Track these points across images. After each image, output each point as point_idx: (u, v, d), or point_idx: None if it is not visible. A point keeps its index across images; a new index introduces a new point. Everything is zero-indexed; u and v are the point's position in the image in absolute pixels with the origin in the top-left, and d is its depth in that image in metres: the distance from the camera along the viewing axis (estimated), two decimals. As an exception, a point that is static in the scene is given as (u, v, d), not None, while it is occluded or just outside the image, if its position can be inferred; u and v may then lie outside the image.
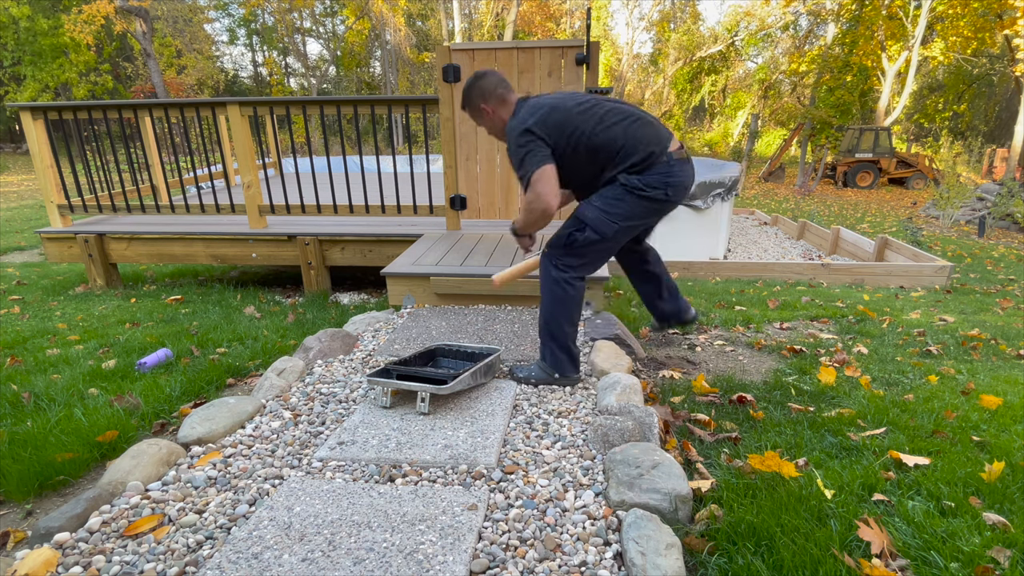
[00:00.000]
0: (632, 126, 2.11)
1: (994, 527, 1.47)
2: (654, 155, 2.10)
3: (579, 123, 2.08)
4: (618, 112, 2.13)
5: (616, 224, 2.12)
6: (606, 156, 2.11)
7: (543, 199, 2.01)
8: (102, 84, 20.83)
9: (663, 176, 2.11)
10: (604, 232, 2.12)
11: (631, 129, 2.11)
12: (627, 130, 2.10)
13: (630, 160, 2.09)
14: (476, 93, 2.18)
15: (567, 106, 2.09)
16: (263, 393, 2.23)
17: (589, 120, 2.09)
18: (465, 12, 23.45)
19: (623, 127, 2.10)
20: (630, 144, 2.09)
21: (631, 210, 2.12)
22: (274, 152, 6.69)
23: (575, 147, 2.09)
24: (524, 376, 2.29)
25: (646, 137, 2.11)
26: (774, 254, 8.20)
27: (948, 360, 2.89)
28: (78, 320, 3.56)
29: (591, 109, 2.11)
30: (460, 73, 3.86)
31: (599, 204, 2.13)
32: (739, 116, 28.70)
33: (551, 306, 2.21)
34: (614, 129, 2.10)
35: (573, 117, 2.08)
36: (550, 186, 2.01)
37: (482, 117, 2.23)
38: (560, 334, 2.22)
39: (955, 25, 18.09)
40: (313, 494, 1.58)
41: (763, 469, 1.68)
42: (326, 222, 4.52)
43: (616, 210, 2.11)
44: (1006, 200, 10.74)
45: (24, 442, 1.86)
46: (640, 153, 2.09)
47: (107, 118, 4.22)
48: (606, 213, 2.11)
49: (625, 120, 2.12)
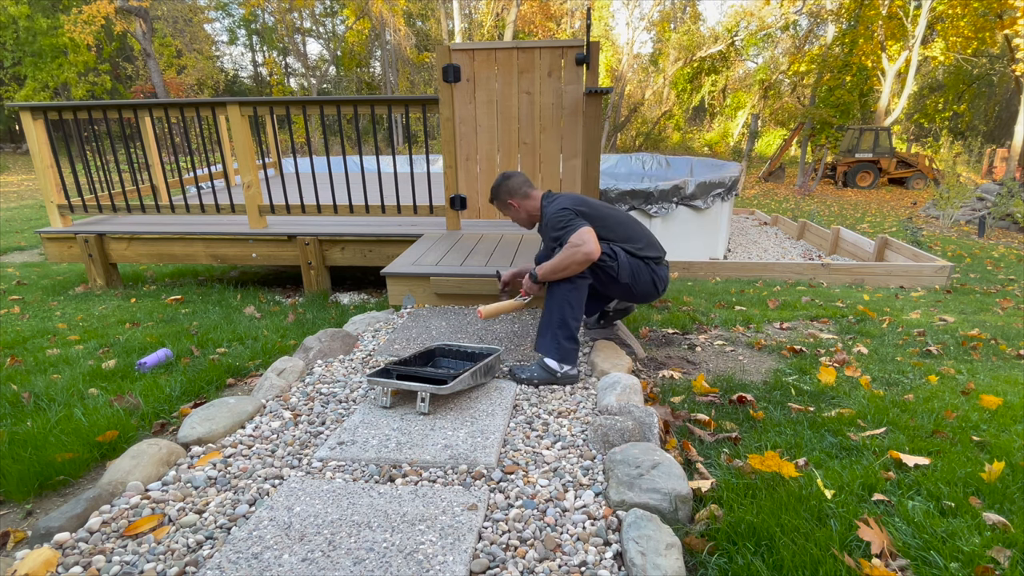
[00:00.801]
0: (647, 231, 2.56)
1: (994, 527, 1.47)
2: (661, 258, 2.56)
3: (607, 212, 2.48)
4: (634, 220, 2.57)
5: (629, 279, 2.43)
6: (629, 241, 2.47)
7: (589, 244, 2.25)
8: (100, 84, 20.83)
9: (666, 275, 2.60)
10: (620, 275, 2.40)
11: (647, 232, 2.56)
12: (645, 231, 2.54)
13: (651, 253, 2.49)
14: (504, 191, 2.58)
15: (593, 203, 2.47)
16: (263, 393, 2.23)
17: (613, 213, 2.49)
18: (465, 12, 23.46)
19: (641, 228, 2.54)
20: (648, 241, 2.51)
21: (641, 284, 2.47)
22: (274, 152, 6.69)
23: (603, 228, 2.42)
24: (527, 377, 2.30)
25: (658, 243, 2.57)
26: (774, 254, 8.20)
27: (948, 360, 2.89)
28: (78, 320, 3.56)
29: (613, 215, 2.50)
30: (460, 73, 3.86)
31: (631, 259, 2.44)
32: (739, 116, 28.70)
33: (568, 295, 2.34)
34: (634, 226, 2.52)
35: (600, 208, 2.47)
36: (592, 236, 2.27)
37: (509, 209, 2.63)
38: (575, 324, 2.36)
39: (955, 25, 18.09)
40: (313, 494, 1.58)
41: (763, 469, 1.68)
42: (326, 222, 4.51)
43: (637, 272, 2.45)
44: (1006, 200, 10.75)
45: (24, 442, 1.86)
46: (656, 250, 2.53)
47: (107, 118, 4.22)
48: (632, 267, 2.43)
49: (639, 225, 2.56)
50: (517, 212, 2.61)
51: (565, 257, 2.26)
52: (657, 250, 2.53)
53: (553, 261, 2.30)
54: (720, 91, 29.17)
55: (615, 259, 2.38)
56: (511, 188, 2.58)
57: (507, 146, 4.04)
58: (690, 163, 9.96)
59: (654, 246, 2.53)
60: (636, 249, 2.44)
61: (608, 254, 2.36)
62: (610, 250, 2.38)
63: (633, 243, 2.45)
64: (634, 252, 2.43)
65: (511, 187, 2.58)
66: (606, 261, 2.37)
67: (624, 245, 2.43)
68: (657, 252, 2.52)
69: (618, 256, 2.39)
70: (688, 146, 28.06)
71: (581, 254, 2.24)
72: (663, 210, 6.49)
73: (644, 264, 2.45)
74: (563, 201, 2.42)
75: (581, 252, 2.24)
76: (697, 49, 25.73)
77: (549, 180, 4.10)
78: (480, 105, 3.95)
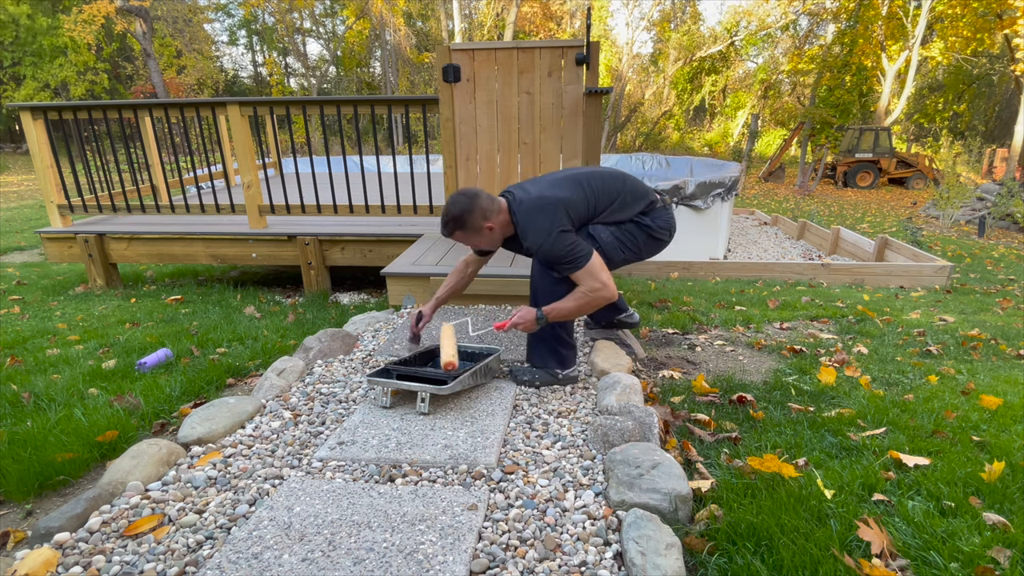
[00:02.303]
0: (627, 182, 2.31)
1: (994, 527, 1.47)
2: (655, 202, 2.33)
3: (582, 195, 2.19)
4: (605, 176, 2.29)
5: (624, 253, 2.29)
6: (614, 212, 2.26)
7: (609, 288, 2.09)
8: (99, 83, 20.84)
9: (667, 219, 2.35)
10: (612, 256, 2.25)
11: (628, 184, 2.31)
12: (624, 184, 2.29)
13: (638, 206, 2.29)
14: (479, 215, 2.08)
15: (567, 196, 2.15)
16: (263, 393, 2.23)
17: (587, 192, 2.20)
18: (465, 12, 23.45)
19: (620, 182, 2.29)
20: (633, 194, 2.28)
21: (639, 245, 2.31)
22: (274, 152, 6.69)
23: (592, 217, 2.24)
24: (528, 379, 2.29)
25: (643, 188, 2.33)
26: (774, 254, 8.20)
27: (948, 360, 2.89)
28: (78, 320, 3.56)
29: (585, 187, 2.21)
30: (460, 73, 3.86)
31: (615, 232, 2.25)
32: (739, 116, 28.69)
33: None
34: (612, 185, 2.26)
35: (574, 193, 2.17)
36: (607, 274, 2.11)
37: (482, 235, 2.14)
38: (568, 331, 2.31)
39: (955, 25, 18.08)
40: (313, 494, 1.58)
41: (763, 470, 1.68)
42: (326, 222, 4.51)
43: (628, 242, 2.28)
44: (1006, 200, 10.74)
45: (24, 442, 1.86)
46: (642, 200, 2.30)
47: (107, 118, 4.22)
48: (619, 241, 2.26)
49: (616, 179, 2.29)
50: (492, 235, 2.15)
51: (584, 303, 2.09)
52: (643, 198, 2.28)
53: (568, 305, 2.09)
54: (720, 91, 29.16)
55: (600, 246, 2.19)
56: (485, 209, 2.08)
57: (507, 146, 4.04)
58: (690, 163, 9.96)
59: (638, 196, 2.27)
60: (622, 216, 2.24)
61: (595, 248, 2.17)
62: (588, 235, 2.20)
63: (617, 211, 2.23)
64: (620, 220, 2.24)
65: (484, 208, 2.08)
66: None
67: (607, 218, 2.22)
68: (644, 201, 2.27)
69: (600, 240, 2.20)
70: (688, 146, 28.06)
71: (602, 299, 2.08)
72: (663, 210, 6.49)
73: (635, 226, 2.26)
74: (544, 216, 2.07)
75: (602, 297, 2.08)
76: (697, 49, 25.72)
77: (549, 180, 4.10)
78: (480, 105, 3.95)
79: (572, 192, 2.16)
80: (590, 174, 2.26)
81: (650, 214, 2.30)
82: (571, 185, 2.18)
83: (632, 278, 5.37)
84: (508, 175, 4.18)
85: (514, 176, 4.12)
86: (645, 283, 4.93)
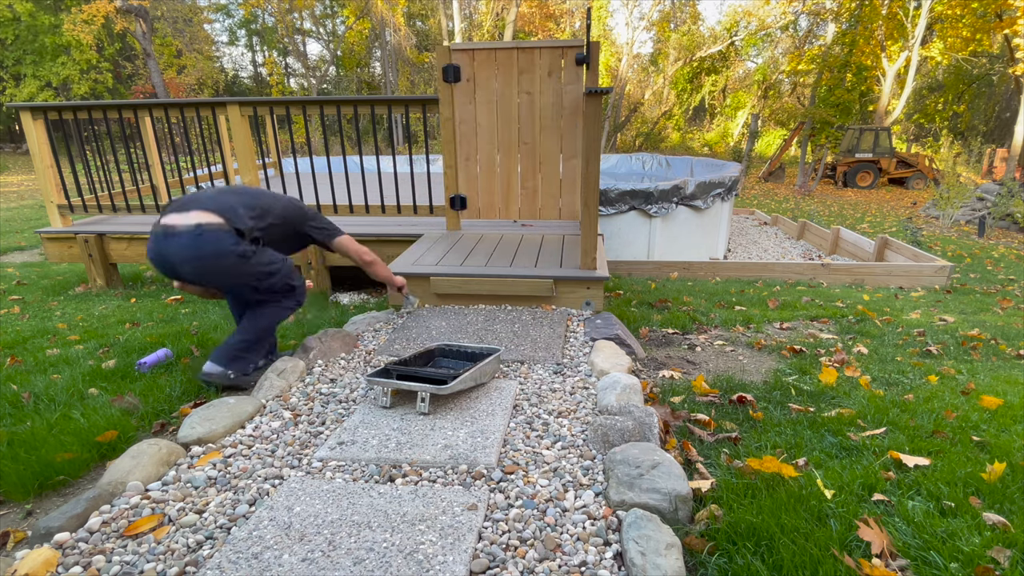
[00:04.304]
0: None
1: (994, 527, 1.47)
2: (158, 220, 2.25)
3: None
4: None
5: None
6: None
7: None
8: (103, 82, 20.85)
9: (155, 245, 2.24)
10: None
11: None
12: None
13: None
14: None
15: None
16: (263, 393, 2.23)
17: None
18: (465, 12, 23.44)
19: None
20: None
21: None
22: (274, 152, 6.69)
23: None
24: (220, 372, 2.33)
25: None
26: (774, 254, 8.20)
27: (948, 360, 2.89)
28: (78, 320, 3.56)
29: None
30: (460, 73, 3.86)
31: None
32: (739, 116, 28.68)
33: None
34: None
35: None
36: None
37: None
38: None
39: (954, 26, 18.08)
40: (313, 494, 1.58)
41: (763, 470, 1.68)
42: (326, 222, 4.51)
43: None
44: (1006, 200, 10.74)
45: (24, 442, 1.86)
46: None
47: (107, 118, 4.22)
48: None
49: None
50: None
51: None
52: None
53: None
54: (720, 91, 29.15)
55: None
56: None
57: (507, 146, 4.04)
58: (690, 163, 9.94)
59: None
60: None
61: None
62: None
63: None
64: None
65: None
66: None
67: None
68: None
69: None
70: (688, 146, 28.05)
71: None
72: (663, 210, 6.48)
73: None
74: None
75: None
76: (697, 49, 25.70)
77: (549, 180, 4.10)
78: (480, 105, 3.95)
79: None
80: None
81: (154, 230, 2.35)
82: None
83: (632, 278, 5.37)
84: (508, 175, 4.19)
85: (514, 176, 4.12)
86: (645, 283, 4.93)
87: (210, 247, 2.15)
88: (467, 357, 2.37)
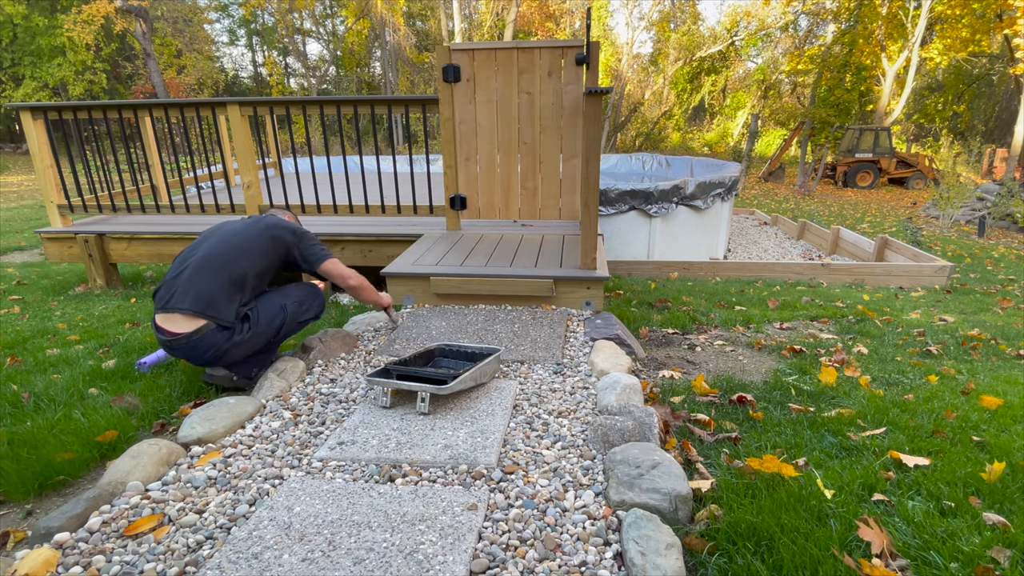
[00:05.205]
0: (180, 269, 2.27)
1: (994, 527, 1.47)
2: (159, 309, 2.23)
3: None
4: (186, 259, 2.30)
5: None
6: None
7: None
8: (97, 83, 20.84)
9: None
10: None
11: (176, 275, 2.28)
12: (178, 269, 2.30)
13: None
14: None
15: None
16: (263, 393, 2.23)
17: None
18: (465, 12, 23.44)
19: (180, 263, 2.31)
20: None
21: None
22: (274, 152, 6.69)
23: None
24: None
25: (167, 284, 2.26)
26: (774, 254, 8.21)
27: (948, 360, 2.89)
28: (78, 320, 3.56)
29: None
30: (460, 73, 3.86)
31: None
32: (739, 116, 28.69)
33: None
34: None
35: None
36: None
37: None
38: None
39: (954, 27, 18.08)
40: (313, 494, 1.58)
41: (763, 470, 1.68)
42: (326, 222, 4.51)
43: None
44: (1006, 200, 10.74)
45: (24, 442, 1.86)
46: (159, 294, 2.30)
47: (107, 118, 4.22)
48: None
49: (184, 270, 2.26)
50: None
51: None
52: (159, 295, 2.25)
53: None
54: (720, 91, 29.15)
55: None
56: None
57: (507, 146, 4.04)
58: (690, 163, 9.95)
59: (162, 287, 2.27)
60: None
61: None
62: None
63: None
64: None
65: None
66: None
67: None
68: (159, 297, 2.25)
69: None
70: (688, 146, 28.05)
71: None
72: (663, 210, 6.48)
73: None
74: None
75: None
76: (697, 49, 25.71)
77: (549, 180, 4.10)
78: (480, 105, 3.95)
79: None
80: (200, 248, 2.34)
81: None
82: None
83: (632, 278, 5.38)
84: (508, 175, 4.19)
85: (514, 176, 4.12)
86: (645, 283, 4.93)
87: (207, 352, 2.20)
88: (467, 357, 2.37)
